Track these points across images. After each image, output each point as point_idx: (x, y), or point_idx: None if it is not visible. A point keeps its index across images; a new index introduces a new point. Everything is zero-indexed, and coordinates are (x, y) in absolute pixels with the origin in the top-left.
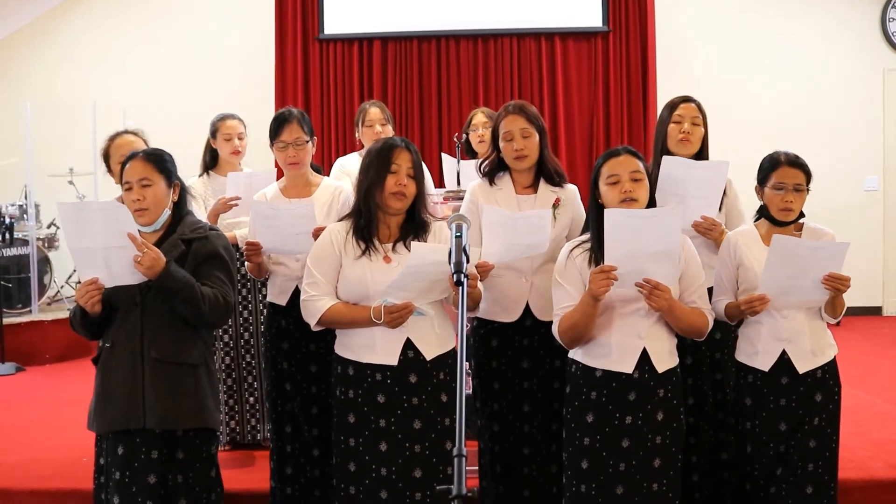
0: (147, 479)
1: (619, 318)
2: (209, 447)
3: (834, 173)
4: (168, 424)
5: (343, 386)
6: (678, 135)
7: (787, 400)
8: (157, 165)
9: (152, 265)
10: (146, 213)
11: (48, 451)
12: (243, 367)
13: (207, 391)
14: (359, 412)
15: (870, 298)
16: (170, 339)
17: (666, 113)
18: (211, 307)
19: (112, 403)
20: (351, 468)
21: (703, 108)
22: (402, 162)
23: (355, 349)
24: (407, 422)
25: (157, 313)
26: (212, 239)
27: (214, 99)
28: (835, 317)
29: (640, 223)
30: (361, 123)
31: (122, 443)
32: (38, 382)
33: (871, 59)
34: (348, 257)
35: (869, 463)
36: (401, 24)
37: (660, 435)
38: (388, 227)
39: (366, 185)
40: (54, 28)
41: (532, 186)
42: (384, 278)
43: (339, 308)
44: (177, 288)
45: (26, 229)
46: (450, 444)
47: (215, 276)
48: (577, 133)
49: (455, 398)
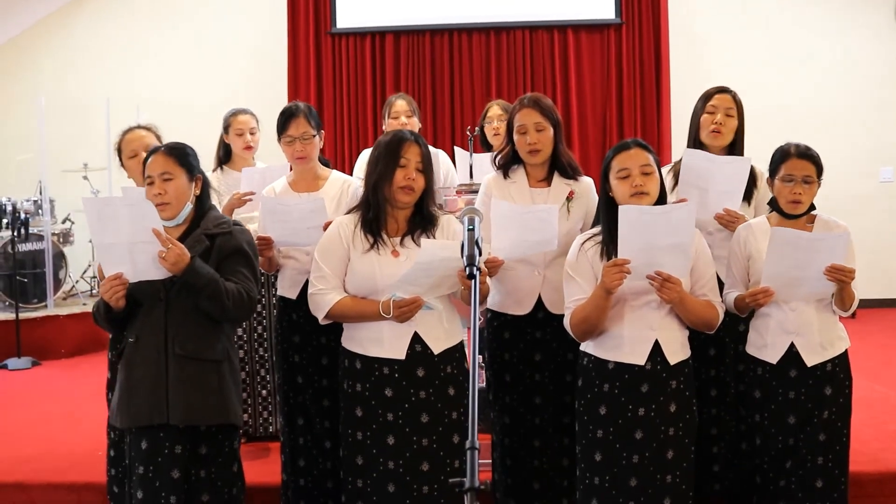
0: (171, 474)
1: (631, 311)
2: (231, 442)
3: (848, 164)
4: (192, 420)
5: (350, 379)
6: (710, 125)
7: (796, 393)
8: (178, 159)
9: (177, 261)
10: (168, 208)
11: (64, 445)
12: (256, 360)
13: (230, 387)
14: (366, 406)
15: (885, 290)
16: (194, 334)
17: (700, 103)
18: (235, 303)
19: (136, 398)
20: (358, 462)
21: (740, 100)
22: (412, 156)
23: (363, 343)
24: (414, 415)
25: (181, 309)
26: (235, 234)
27: (227, 94)
28: (845, 309)
29: (654, 219)
30: (388, 115)
31: (145, 438)
32: (53, 376)
33: (885, 49)
34: (356, 251)
35: (883, 455)
36: (413, 18)
37: (673, 426)
38: (397, 221)
39: (374, 179)
40: (68, 24)
41: (546, 180)
42: (392, 272)
43: (346, 302)
44: (201, 284)
45: (41, 224)
46: (457, 437)
47: (239, 271)
48: (590, 126)
49: (463, 392)
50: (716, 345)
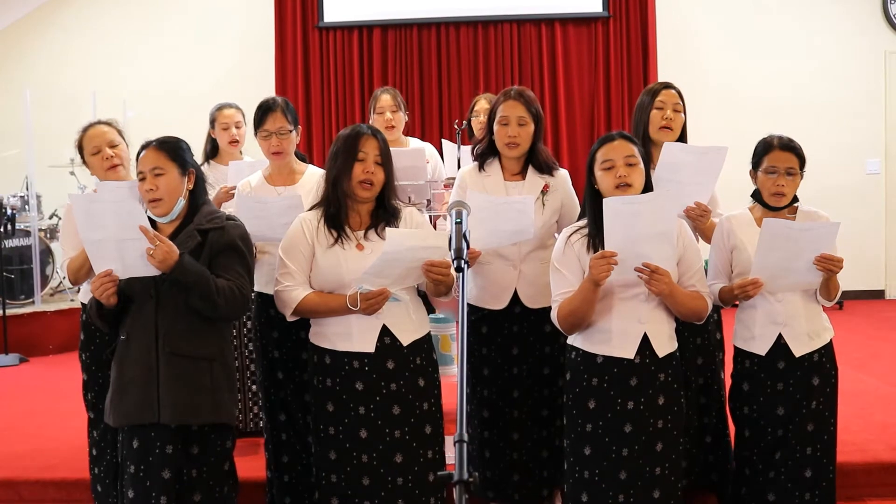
0: (161, 474)
1: (619, 303)
2: (224, 441)
3: (835, 156)
4: (183, 419)
5: (320, 375)
6: (660, 121)
7: (785, 384)
8: (169, 153)
9: (165, 258)
10: (160, 204)
11: (52, 441)
12: (245, 355)
13: (223, 385)
14: (337, 400)
15: (872, 282)
16: (185, 332)
17: (647, 99)
18: (226, 300)
19: (127, 397)
20: (331, 456)
21: (683, 95)
22: (370, 149)
23: (331, 338)
24: (386, 408)
25: (171, 306)
26: (228, 229)
27: (214, 87)
28: (829, 299)
29: (638, 208)
30: (373, 110)
31: (137, 436)
32: (41, 373)
33: (872, 42)
34: (321, 246)
35: (871, 446)
36: (400, 12)
37: (661, 419)
38: (359, 215)
39: (333, 174)
40: (55, 18)
41: (521, 173)
42: (358, 266)
43: (313, 297)
44: (190, 281)
45: (28, 220)
46: (429, 427)
47: (232, 267)
48: (577, 119)
49: (434, 382)
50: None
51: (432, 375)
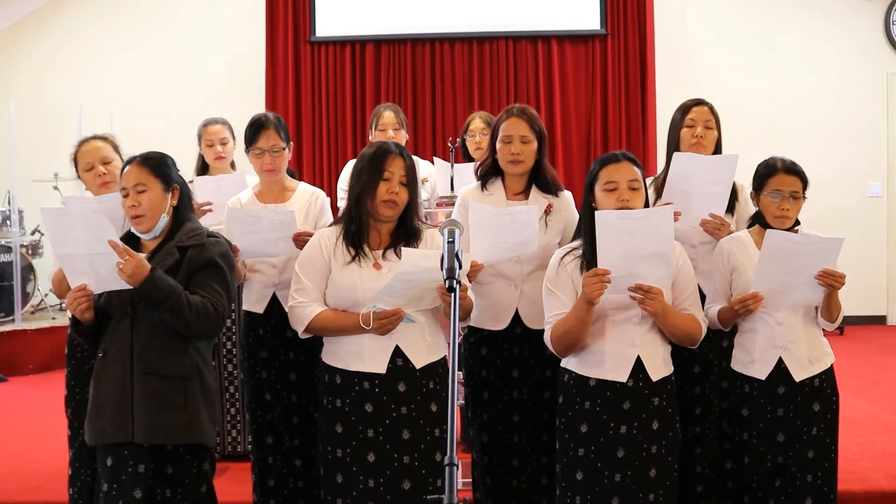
0: (133, 493)
1: (613, 326)
2: (201, 463)
3: (837, 179)
4: (156, 439)
5: (330, 395)
6: (691, 139)
7: (785, 410)
8: (152, 169)
9: (134, 272)
10: (143, 220)
11: (32, 463)
12: (224, 377)
13: (200, 405)
14: (346, 422)
15: (874, 307)
16: (159, 349)
17: (678, 116)
18: (198, 316)
19: (102, 415)
20: (338, 480)
21: (716, 111)
22: (396, 169)
23: (343, 357)
24: (395, 432)
25: (146, 323)
26: (208, 246)
27: (203, 102)
28: (831, 321)
29: (632, 224)
30: (375, 127)
31: (110, 455)
32: (21, 392)
33: (874, 63)
34: (337, 263)
35: (871, 474)
36: (394, 27)
37: (655, 444)
38: (379, 234)
39: (357, 191)
40: (40, 30)
41: (524, 192)
42: (374, 285)
43: (327, 314)
44: (161, 297)
45: (9, 236)
46: (440, 455)
47: (209, 284)
48: (574, 138)
49: (447, 408)
50: (700, 362)
51: (446, 401)
